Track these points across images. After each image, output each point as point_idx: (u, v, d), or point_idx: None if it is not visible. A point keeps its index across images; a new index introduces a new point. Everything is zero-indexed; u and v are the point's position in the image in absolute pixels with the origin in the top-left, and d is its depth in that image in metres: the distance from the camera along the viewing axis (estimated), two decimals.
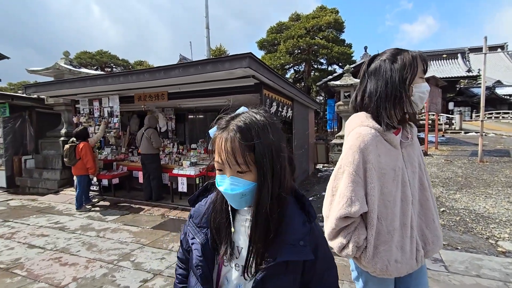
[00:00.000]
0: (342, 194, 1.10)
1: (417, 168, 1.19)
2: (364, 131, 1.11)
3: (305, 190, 6.26)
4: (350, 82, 9.49)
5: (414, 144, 1.22)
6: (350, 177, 1.09)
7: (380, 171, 1.09)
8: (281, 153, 0.69)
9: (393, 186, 1.10)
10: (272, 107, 5.43)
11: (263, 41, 18.59)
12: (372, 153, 1.08)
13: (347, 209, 1.07)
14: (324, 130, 15.44)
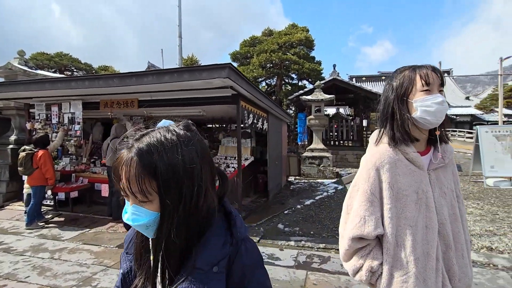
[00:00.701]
0: (356, 213, 1.06)
1: (448, 194, 1.07)
2: (382, 148, 1.07)
3: (280, 203, 6.22)
4: (321, 97, 9.85)
5: (447, 167, 1.11)
6: (364, 196, 1.04)
7: (400, 192, 1.01)
8: (197, 173, 0.58)
9: (415, 210, 1.01)
10: (249, 119, 5.37)
11: (236, 53, 18.74)
12: (390, 172, 1.02)
13: (360, 229, 1.03)
14: (294, 143, 15.77)
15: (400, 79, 1.06)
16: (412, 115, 1.02)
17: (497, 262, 3.37)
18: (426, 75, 1.00)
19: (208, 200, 0.61)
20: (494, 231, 4.40)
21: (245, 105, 5.24)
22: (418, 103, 1.00)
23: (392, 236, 1.01)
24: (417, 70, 1.02)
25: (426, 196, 1.01)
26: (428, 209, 1.01)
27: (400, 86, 1.05)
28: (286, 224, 4.83)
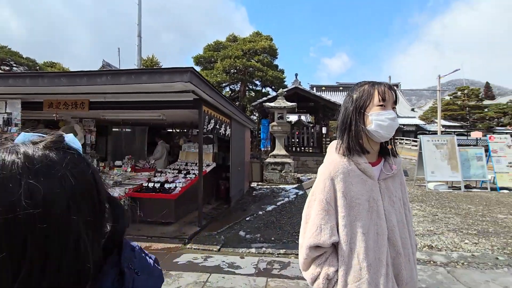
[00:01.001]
0: (313, 222, 1.09)
1: (396, 203, 1.12)
2: (336, 159, 1.12)
3: (241, 210, 6.18)
4: (283, 104, 10.10)
5: (395, 177, 1.17)
6: (320, 205, 1.08)
7: (353, 201, 1.06)
8: (57, 218, 0.38)
9: (367, 218, 1.05)
10: (211, 124, 5.28)
11: (200, 57, 18.43)
12: (344, 181, 1.07)
13: (317, 238, 1.06)
14: (257, 148, 15.90)
15: (360, 92, 1.11)
16: (367, 128, 1.08)
17: (437, 259, 3.71)
18: (383, 92, 1.08)
19: (83, 255, 0.40)
20: (434, 230, 4.87)
21: (208, 110, 5.15)
22: (374, 116, 1.06)
23: (346, 243, 1.05)
24: (376, 86, 1.09)
25: (377, 205, 1.07)
26: (379, 216, 1.06)
27: (359, 98, 1.10)
28: (247, 231, 4.80)
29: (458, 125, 37.52)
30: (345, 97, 1.20)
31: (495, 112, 38.75)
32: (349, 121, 1.11)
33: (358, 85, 1.16)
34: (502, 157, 8.84)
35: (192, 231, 4.63)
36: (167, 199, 4.80)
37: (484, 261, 3.65)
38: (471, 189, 8.64)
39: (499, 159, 8.81)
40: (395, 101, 1.11)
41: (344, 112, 1.15)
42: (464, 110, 38.76)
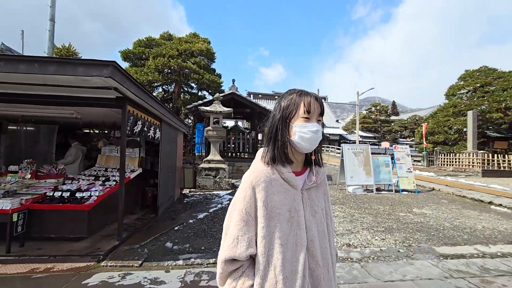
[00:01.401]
0: (230, 234, 1.03)
1: (318, 213, 1.11)
2: (260, 167, 1.08)
3: (170, 219, 5.77)
4: (219, 109, 9.99)
5: (319, 187, 1.16)
6: (240, 215, 1.02)
7: (273, 211, 1.02)
8: None
9: (287, 229, 1.02)
10: (137, 126, 4.82)
11: (129, 52, 16.81)
12: (265, 190, 1.02)
13: (233, 250, 1.00)
14: (192, 153, 15.31)
15: (288, 101, 1.09)
16: (291, 138, 1.06)
17: (353, 256, 4.08)
18: (309, 104, 1.05)
19: None
20: (352, 230, 5.39)
21: (134, 110, 4.69)
22: (297, 128, 1.05)
23: (263, 255, 0.99)
24: (303, 97, 1.07)
25: (298, 215, 1.04)
26: (299, 227, 1.04)
27: (286, 107, 1.08)
28: (175, 241, 4.48)
29: (372, 136, 43.50)
30: (275, 104, 1.16)
31: (399, 126, 46.27)
32: (275, 129, 1.09)
33: (288, 92, 1.13)
34: (403, 164, 10.48)
35: (109, 245, 4.09)
36: (79, 211, 4.14)
37: (389, 254, 4.17)
38: (381, 192, 9.95)
39: (401, 166, 10.42)
40: (321, 113, 1.10)
41: (271, 120, 1.12)
42: (376, 123, 45.17)
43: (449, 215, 6.74)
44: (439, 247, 4.51)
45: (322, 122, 1.12)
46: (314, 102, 1.06)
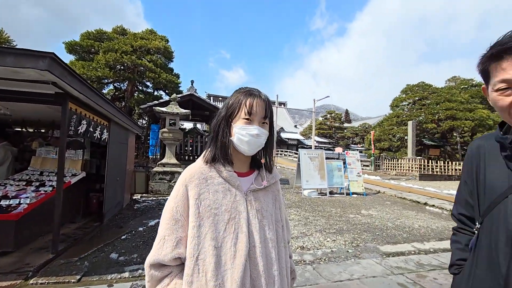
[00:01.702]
0: (158, 235, 0.95)
1: (266, 218, 1.03)
2: (197, 165, 1.03)
3: (117, 227, 5.33)
4: (176, 110, 9.62)
5: (268, 191, 1.10)
6: (170, 214, 0.95)
7: (208, 210, 0.94)
8: None
9: (223, 230, 0.94)
10: (81, 126, 4.38)
11: (75, 44, 15.24)
12: (199, 187, 0.96)
13: (158, 252, 0.92)
14: (145, 156, 14.44)
15: (233, 100, 1.03)
16: (231, 138, 1.01)
17: (306, 258, 4.19)
18: (250, 105, 0.99)
19: None
20: (306, 232, 5.55)
21: (77, 108, 4.25)
22: (236, 129, 1.00)
23: (191, 258, 0.90)
24: (247, 97, 1.00)
25: (239, 217, 0.97)
26: (240, 230, 0.95)
27: (230, 106, 1.02)
28: (121, 252, 4.13)
29: (327, 142, 46.01)
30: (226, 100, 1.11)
31: (351, 133, 49.67)
32: (217, 128, 1.03)
33: (237, 90, 1.07)
34: (354, 168, 11.21)
35: (41, 260, 3.61)
36: (4, 221, 3.59)
37: (339, 255, 4.37)
38: (334, 195, 10.48)
39: (352, 170, 11.12)
40: (266, 116, 1.03)
41: (216, 117, 1.06)
42: (331, 129, 47.90)
43: (392, 215, 7.36)
44: (383, 246, 4.87)
45: (269, 125, 1.06)
46: (258, 103, 1.00)
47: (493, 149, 0.94)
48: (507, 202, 0.83)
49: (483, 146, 0.99)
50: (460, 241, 1.08)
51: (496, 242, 0.84)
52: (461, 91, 25.66)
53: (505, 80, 0.77)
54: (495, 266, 0.83)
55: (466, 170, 1.05)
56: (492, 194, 0.89)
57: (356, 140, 49.88)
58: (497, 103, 0.82)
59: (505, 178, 0.86)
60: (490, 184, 0.91)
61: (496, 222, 0.85)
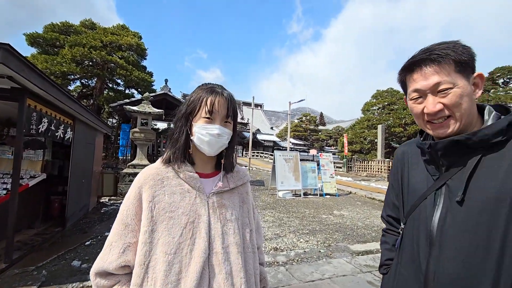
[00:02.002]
0: (107, 240, 0.88)
1: (232, 222, 0.96)
2: (154, 165, 0.96)
3: (82, 232, 5.01)
4: (149, 110, 9.28)
5: (234, 194, 1.03)
6: (120, 217, 0.88)
7: (163, 214, 0.87)
8: None
9: (179, 235, 0.86)
10: (42, 125, 4.07)
11: (38, 36, 14.10)
12: (153, 189, 0.89)
13: (103, 259, 0.85)
14: (115, 157, 13.75)
15: (194, 96, 0.96)
16: (191, 137, 0.96)
17: (279, 259, 4.20)
18: (212, 104, 0.92)
19: None
20: (280, 233, 5.58)
21: (37, 105, 3.94)
22: (196, 128, 0.94)
23: (141, 265, 0.83)
24: (210, 95, 0.93)
25: (198, 221, 0.89)
26: (199, 235, 0.88)
27: (191, 103, 0.95)
28: (85, 259, 3.88)
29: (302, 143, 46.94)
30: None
31: (325, 135, 51.10)
32: (177, 125, 0.97)
33: (200, 86, 1.00)
34: (327, 170, 11.51)
35: None
36: None
37: (312, 255, 4.44)
38: (308, 196, 10.68)
39: (325, 172, 11.41)
40: (229, 115, 0.96)
41: (177, 114, 0.99)
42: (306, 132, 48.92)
43: (362, 215, 7.63)
44: (353, 245, 5.02)
45: (233, 124, 1.00)
46: (220, 102, 0.93)
47: (415, 155, 1.00)
48: (426, 203, 0.88)
49: (407, 152, 1.06)
50: (388, 242, 1.14)
51: (417, 241, 0.88)
52: None
53: (416, 89, 0.85)
54: (417, 263, 0.87)
55: (393, 174, 1.12)
56: (414, 196, 0.94)
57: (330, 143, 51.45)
58: (412, 110, 0.89)
59: (425, 181, 0.92)
60: (412, 187, 0.97)
61: (417, 222, 0.90)
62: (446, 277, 0.78)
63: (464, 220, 0.78)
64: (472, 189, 0.78)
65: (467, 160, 0.82)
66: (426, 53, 0.82)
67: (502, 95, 24.87)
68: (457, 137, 0.81)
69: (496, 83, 26.91)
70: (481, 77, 0.84)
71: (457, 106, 0.80)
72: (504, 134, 0.78)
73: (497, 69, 26.46)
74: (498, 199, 0.73)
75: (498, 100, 24.75)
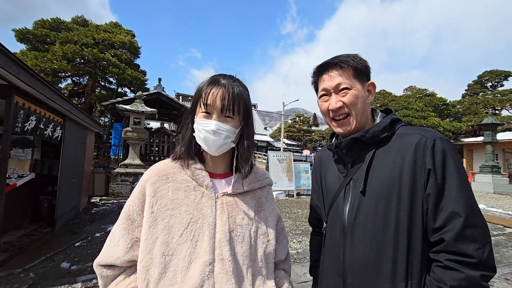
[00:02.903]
0: (112, 233, 0.87)
1: (244, 227, 0.86)
2: (164, 161, 0.94)
3: (71, 233, 4.90)
4: (142, 109, 9.18)
5: (250, 196, 0.94)
6: (126, 212, 0.85)
7: (164, 211, 0.82)
8: None
9: (180, 236, 0.79)
10: (29, 123, 3.97)
11: (28, 32, 13.72)
12: (157, 184, 0.85)
13: (110, 252, 0.83)
14: (106, 156, 13.54)
15: (197, 88, 0.89)
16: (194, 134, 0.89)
17: None
18: (207, 96, 0.83)
19: None
20: None
21: (25, 102, 3.85)
22: (195, 124, 0.87)
23: (140, 263, 0.80)
24: (208, 86, 0.85)
25: (203, 221, 0.82)
26: (202, 238, 0.80)
27: (194, 96, 0.89)
28: (74, 260, 3.80)
29: (296, 144, 47.11)
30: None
31: (318, 136, 51.41)
32: (184, 121, 0.94)
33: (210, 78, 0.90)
34: None
35: None
36: None
37: (304, 256, 4.44)
38: (301, 196, 10.72)
39: None
40: (230, 109, 0.84)
41: (187, 109, 0.95)
42: (300, 132, 49.14)
43: None
44: None
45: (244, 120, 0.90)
46: (218, 94, 0.83)
47: (329, 158, 1.10)
48: (339, 199, 0.97)
49: (323, 156, 1.16)
50: (314, 243, 1.21)
51: (334, 235, 0.97)
52: (417, 99, 27.83)
53: (324, 88, 0.98)
54: (334, 256, 0.95)
55: (314, 178, 1.22)
56: (330, 195, 1.03)
57: (323, 143, 51.78)
58: (320, 108, 1.01)
59: (337, 179, 1.02)
60: (329, 187, 1.06)
61: (334, 218, 0.98)
62: (358, 261, 0.87)
63: (367, 207, 0.88)
64: (370, 179, 0.90)
65: (363, 155, 0.94)
66: (333, 59, 0.97)
67: (490, 98, 25.47)
68: (355, 135, 0.93)
69: (484, 86, 27.54)
70: (373, 85, 1.00)
71: (353, 105, 0.93)
72: (389, 130, 0.93)
73: (486, 72, 27.07)
74: (389, 186, 0.85)
75: (486, 102, 25.35)
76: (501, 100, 24.58)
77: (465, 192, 0.79)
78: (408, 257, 0.81)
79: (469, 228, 0.75)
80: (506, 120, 23.93)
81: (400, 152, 0.87)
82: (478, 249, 0.74)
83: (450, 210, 0.77)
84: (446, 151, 0.82)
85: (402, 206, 0.83)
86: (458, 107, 27.39)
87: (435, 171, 0.81)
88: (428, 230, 0.81)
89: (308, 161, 15.60)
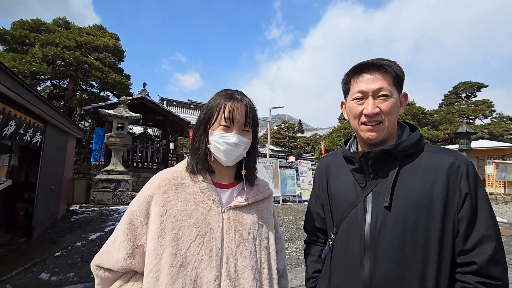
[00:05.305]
0: (115, 235, 0.85)
1: (249, 241, 0.88)
2: (172, 169, 0.93)
3: (50, 242, 4.70)
4: (126, 114, 9.00)
5: (254, 209, 0.95)
6: (129, 216, 0.85)
7: (173, 222, 0.82)
8: None
9: (187, 249, 0.81)
10: (8, 128, 3.81)
11: (5, 33, 13.13)
12: (166, 194, 0.85)
13: (108, 257, 0.82)
14: (87, 162, 13.08)
15: (213, 102, 0.92)
16: (208, 146, 0.91)
17: None
18: (231, 110, 0.87)
19: None
20: None
21: (5, 107, 3.70)
22: (213, 137, 0.89)
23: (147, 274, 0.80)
24: (228, 101, 0.89)
25: (210, 235, 0.83)
26: (209, 252, 0.82)
27: (209, 110, 0.91)
28: (54, 271, 3.65)
29: (281, 150, 47.44)
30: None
31: (303, 142, 52.09)
32: (196, 133, 0.94)
33: (219, 92, 0.95)
34: (305, 177, 11.72)
35: None
36: None
37: (291, 262, 4.47)
38: (287, 203, 10.80)
39: (303, 179, 11.61)
40: (248, 123, 0.91)
41: (197, 121, 0.95)
42: (285, 139, 49.59)
43: None
44: None
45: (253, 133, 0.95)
46: (239, 109, 0.89)
47: (340, 164, 1.05)
48: (357, 210, 0.92)
49: (331, 162, 1.10)
50: (313, 253, 1.15)
51: (351, 247, 0.91)
52: None
53: (361, 91, 0.91)
54: (352, 270, 0.89)
55: (318, 185, 1.14)
56: (343, 205, 0.97)
57: (308, 150, 52.47)
58: (352, 110, 0.95)
59: (353, 189, 0.96)
60: (339, 196, 1.00)
61: (351, 230, 0.92)
62: (383, 277, 0.83)
63: (393, 222, 0.84)
64: (397, 195, 0.86)
65: (388, 168, 0.90)
66: (376, 60, 0.91)
67: (465, 108, 26.87)
68: (386, 146, 0.89)
69: (459, 96, 29.01)
70: (406, 97, 0.96)
71: (390, 114, 0.89)
72: (417, 146, 0.91)
73: (461, 83, 28.56)
74: (418, 203, 0.83)
75: (461, 112, 26.71)
76: (474, 110, 26.00)
77: (493, 216, 0.82)
78: (437, 276, 0.80)
79: (499, 252, 0.78)
80: (479, 129, 25.28)
81: (430, 171, 0.85)
82: (502, 271, 0.77)
83: (481, 234, 0.79)
84: (477, 176, 0.84)
85: (433, 225, 0.81)
86: (436, 116, 28.68)
87: (471, 195, 0.81)
88: (456, 251, 0.82)
89: (293, 167, 15.76)
